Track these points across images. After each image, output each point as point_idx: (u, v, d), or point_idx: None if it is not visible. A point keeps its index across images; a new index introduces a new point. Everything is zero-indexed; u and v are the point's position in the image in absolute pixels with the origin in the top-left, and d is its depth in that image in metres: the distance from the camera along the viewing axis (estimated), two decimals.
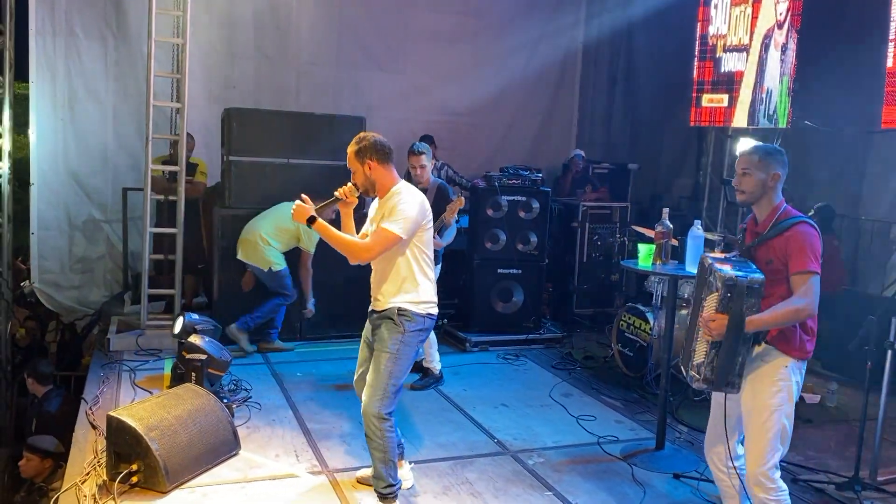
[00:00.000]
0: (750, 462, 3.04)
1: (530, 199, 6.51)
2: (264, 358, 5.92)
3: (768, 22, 6.64)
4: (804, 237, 2.93)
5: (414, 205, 3.36)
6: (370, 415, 3.39)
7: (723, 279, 2.86)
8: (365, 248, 3.38)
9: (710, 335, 2.92)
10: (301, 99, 7.82)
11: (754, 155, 3.07)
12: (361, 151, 3.40)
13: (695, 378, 3.05)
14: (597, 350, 6.44)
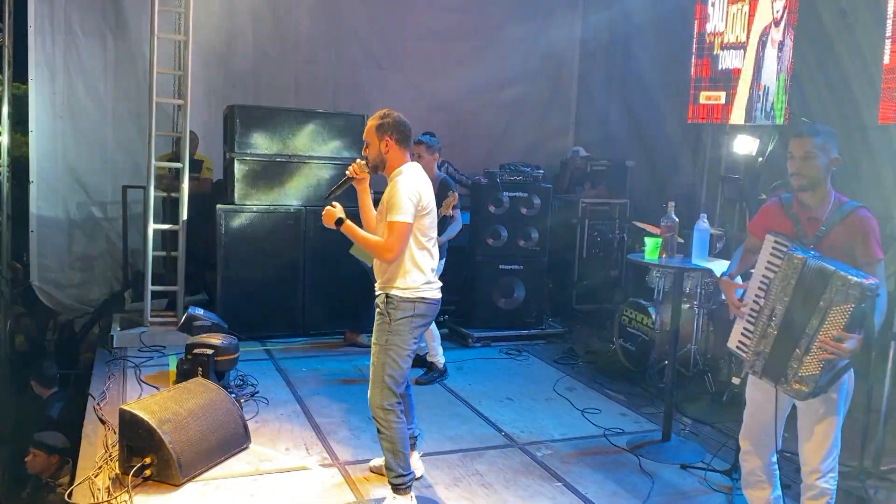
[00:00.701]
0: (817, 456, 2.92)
1: (531, 195, 6.56)
2: (268, 354, 5.94)
3: (765, 19, 6.71)
4: (873, 223, 2.86)
5: (406, 186, 3.30)
6: (374, 407, 3.43)
7: (862, 289, 2.64)
8: (386, 248, 3.31)
9: (840, 355, 2.70)
10: (300, 97, 7.84)
11: (816, 137, 2.92)
12: (383, 126, 3.36)
13: (802, 392, 2.80)
14: (598, 345, 6.49)
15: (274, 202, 6.31)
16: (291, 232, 6.32)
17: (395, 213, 3.27)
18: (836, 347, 2.66)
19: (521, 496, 3.75)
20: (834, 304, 2.69)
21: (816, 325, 2.73)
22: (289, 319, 6.35)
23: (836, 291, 2.68)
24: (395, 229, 3.28)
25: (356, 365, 5.74)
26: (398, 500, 3.43)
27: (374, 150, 3.40)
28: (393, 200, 3.29)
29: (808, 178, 2.90)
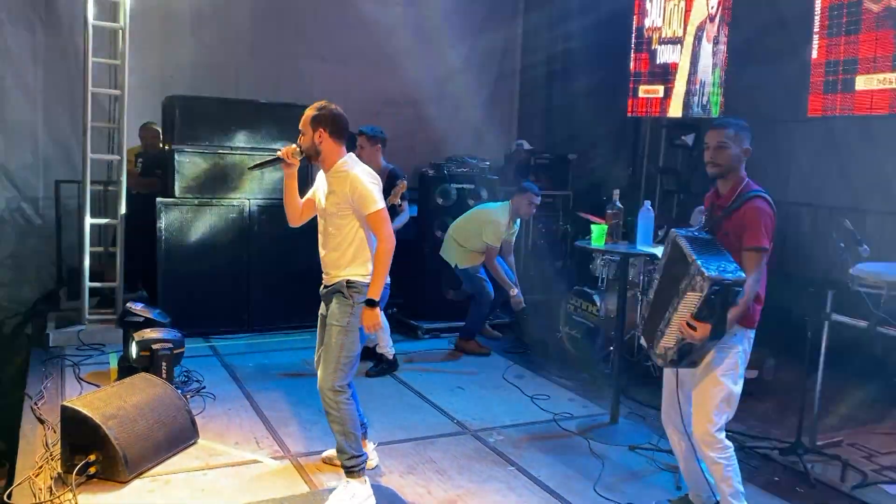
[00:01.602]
0: (698, 423, 3.12)
1: (479, 187, 6.60)
2: (213, 350, 5.82)
3: (701, 15, 6.92)
4: (758, 212, 2.99)
5: (365, 177, 3.39)
6: (325, 388, 3.44)
7: (710, 281, 2.79)
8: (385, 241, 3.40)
9: (690, 340, 2.90)
10: (241, 89, 7.68)
11: (729, 129, 3.09)
12: (318, 118, 3.38)
13: (659, 357, 3.10)
14: (545, 333, 6.56)
15: (217, 195, 6.18)
16: (236, 226, 6.21)
17: (371, 205, 3.35)
18: (688, 332, 2.88)
19: (474, 481, 3.78)
20: (688, 289, 2.88)
21: (676, 304, 2.94)
22: (234, 315, 6.23)
23: (690, 278, 2.87)
24: (381, 217, 3.38)
25: (305, 359, 5.66)
26: (352, 483, 3.42)
27: (308, 140, 3.41)
28: (362, 194, 3.34)
29: (720, 167, 3.10)
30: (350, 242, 3.43)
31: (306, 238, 6.22)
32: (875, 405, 5.14)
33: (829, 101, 5.55)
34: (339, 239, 3.45)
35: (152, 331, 4.69)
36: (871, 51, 5.19)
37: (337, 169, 3.42)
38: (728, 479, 3.10)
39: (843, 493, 3.77)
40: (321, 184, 3.54)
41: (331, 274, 3.50)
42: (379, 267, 3.41)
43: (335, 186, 3.41)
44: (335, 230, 3.45)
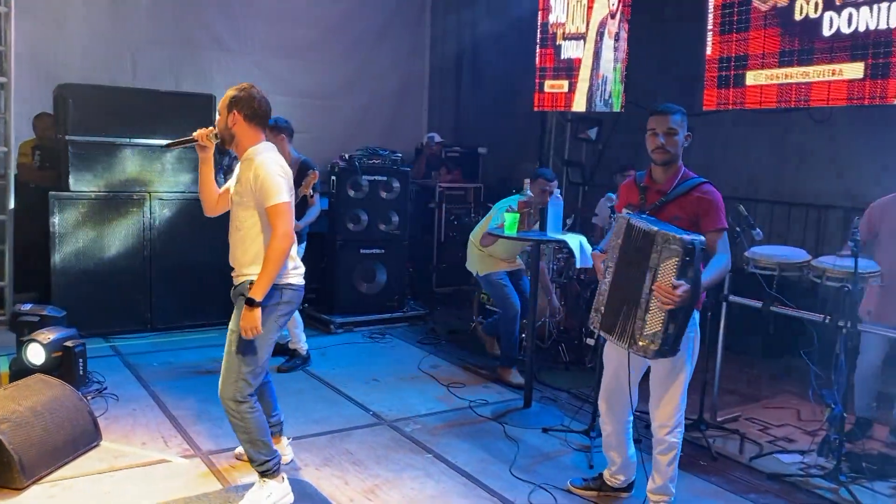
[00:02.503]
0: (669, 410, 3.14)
1: (391, 179, 6.58)
2: (114, 350, 5.56)
3: (602, 11, 7.13)
4: (715, 196, 3.10)
5: (273, 166, 3.16)
6: (226, 399, 3.21)
7: (681, 243, 2.80)
8: (278, 239, 3.10)
9: (673, 303, 2.82)
10: (138, 78, 7.37)
11: (676, 115, 3.14)
12: (234, 100, 3.19)
13: (647, 349, 2.93)
14: (459, 324, 6.63)
15: (114, 189, 5.89)
16: (135, 220, 5.94)
17: (274, 196, 3.11)
18: (669, 294, 2.81)
19: (392, 470, 3.77)
20: (661, 260, 2.87)
21: (650, 282, 2.91)
22: (136, 314, 5.97)
23: (661, 249, 2.87)
24: (280, 211, 3.11)
25: (212, 357, 5.49)
26: (268, 483, 3.27)
27: (222, 123, 3.22)
28: (264, 183, 3.10)
29: (670, 154, 3.13)
30: (253, 238, 3.20)
31: (211, 233, 6.07)
32: (769, 381, 5.46)
33: (722, 95, 5.82)
34: (243, 233, 3.23)
35: (49, 331, 4.44)
36: (759, 48, 5.49)
37: (247, 155, 3.22)
38: (674, 462, 3.23)
39: (743, 464, 3.97)
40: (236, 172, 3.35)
41: (235, 272, 3.31)
42: (268, 265, 3.08)
43: (241, 173, 3.23)
44: (239, 223, 3.25)
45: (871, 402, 4.30)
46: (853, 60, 4.91)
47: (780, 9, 5.33)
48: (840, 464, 3.66)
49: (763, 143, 6.71)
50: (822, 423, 3.95)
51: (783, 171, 6.58)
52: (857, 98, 4.90)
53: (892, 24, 4.64)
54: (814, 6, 5.11)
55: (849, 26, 4.91)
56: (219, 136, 3.24)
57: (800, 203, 6.33)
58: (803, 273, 4.02)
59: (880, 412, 4.38)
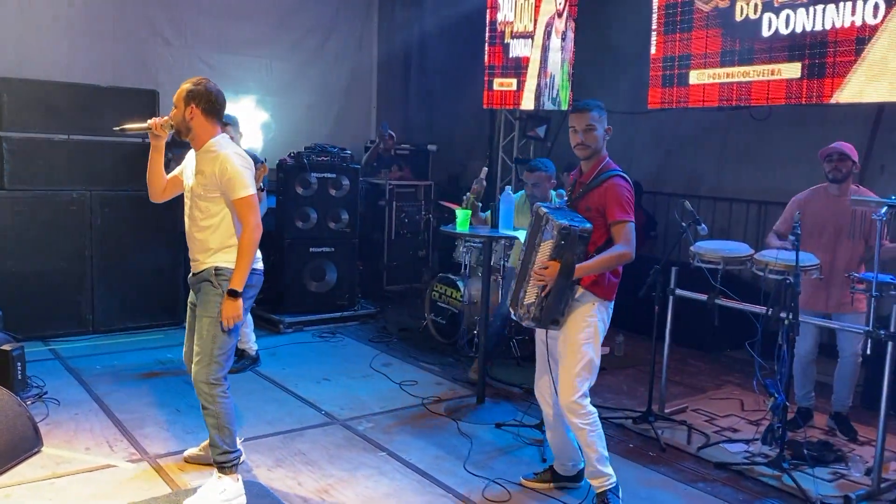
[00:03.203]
0: (562, 392, 3.27)
1: (340, 176, 6.51)
2: (54, 353, 5.37)
3: (550, 11, 7.20)
4: (619, 188, 3.19)
5: (237, 159, 3.24)
6: (199, 381, 3.29)
7: (558, 227, 3.08)
8: (251, 230, 3.22)
9: (542, 280, 3.14)
10: (75, 73, 7.11)
11: (594, 111, 3.26)
12: (192, 94, 3.23)
13: (524, 316, 3.26)
14: (410, 322, 6.62)
15: (52, 187, 5.68)
16: (75, 219, 5.74)
17: (240, 189, 3.20)
18: (540, 273, 3.14)
19: (345, 469, 3.74)
20: (542, 241, 3.17)
21: (534, 258, 3.22)
22: (76, 315, 5.78)
23: (545, 231, 3.16)
24: (249, 203, 3.22)
25: (158, 359, 5.38)
26: (224, 479, 3.27)
27: (179, 115, 3.26)
28: (231, 177, 3.18)
29: (590, 148, 3.26)
30: (217, 226, 3.27)
31: (155, 232, 5.98)
32: (714, 372, 5.61)
33: (666, 94, 5.94)
34: (207, 222, 3.29)
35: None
36: (702, 48, 5.63)
37: (207, 148, 3.27)
38: (593, 444, 3.26)
39: (691, 454, 4.07)
40: (189, 162, 3.37)
41: (199, 260, 3.34)
42: (243, 256, 3.23)
43: (203, 166, 3.26)
44: (201, 213, 3.29)
45: (810, 392, 4.46)
46: (791, 61, 5.06)
47: (722, 10, 5.46)
48: (783, 452, 3.78)
49: (706, 140, 6.88)
50: (766, 413, 4.07)
51: (725, 167, 6.76)
52: (795, 97, 5.06)
53: (828, 26, 4.81)
54: (753, 7, 5.26)
55: (787, 27, 5.07)
56: (174, 127, 3.28)
57: (741, 199, 6.52)
58: (746, 266, 4.14)
59: (819, 400, 4.54)
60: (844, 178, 4.23)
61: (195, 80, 3.29)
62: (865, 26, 4.62)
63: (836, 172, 4.24)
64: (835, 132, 5.51)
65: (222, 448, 3.28)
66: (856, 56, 4.69)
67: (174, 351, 5.55)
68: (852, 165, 4.24)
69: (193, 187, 3.31)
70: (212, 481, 3.30)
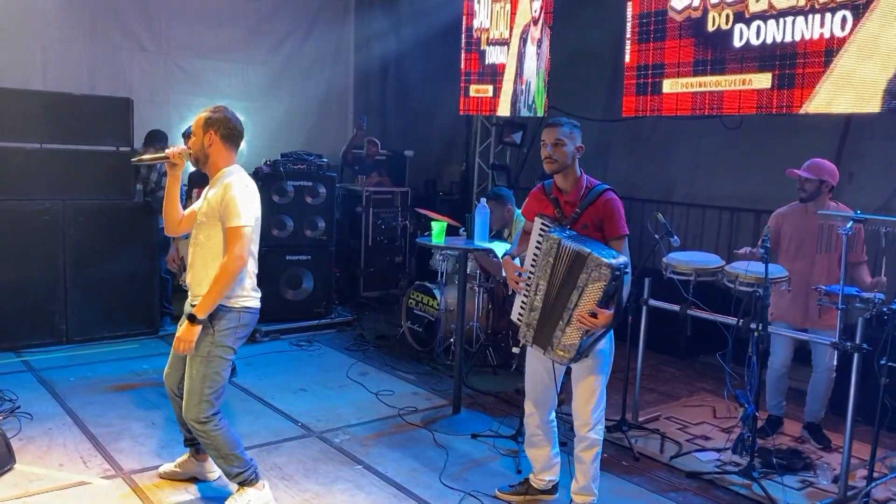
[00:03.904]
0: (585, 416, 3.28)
1: (316, 184, 6.50)
2: (26, 365, 5.32)
3: (525, 18, 7.25)
4: (617, 204, 3.25)
5: (241, 190, 3.19)
6: (190, 420, 3.26)
7: (611, 269, 2.98)
8: (232, 260, 3.11)
9: (593, 327, 3.05)
10: (49, 79, 7.08)
11: (565, 127, 3.29)
12: (210, 121, 3.24)
13: (565, 358, 3.16)
14: (387, 329, 6.63)
15: (25, 196, 5.62)
16: (48, 229, 5.69)
17: (235, 219, 3.13)
18: (591, 322, 3.05)
19: (321, 483, 3.74)
20: (590, 282, 3.05)
21: (576, 299, 3.09)
22: (49, 326, 5.72)
23: (591, 271, 3.04)
24: (238, 234, 3.14)
25: (133, 369, 5.35)
26: (247, 491, 3.33)
27: (197, 143, 3.26)
28: (231, 205, 3.14)
29: (558, 163, 3.28)
30: (215, 257, 3.20)
31: (130, 241, 5.95)
32: (686, 380, 5.68)
33: (640, 102, 6.01)
34: (206, 251, 3.25)
35: None
36: (675, 57, 5.69)
37: (219, 175, 3.26)
38: (597, 461, 3.33)
39: (663, 463, 4.12)
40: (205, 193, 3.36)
41: (194, 294, 3.27)
42: (216, 284, 3.10)
43: (212, 193, 3.26)
44: (202, 241, 3.27)
45: (780, 402, 4.54)
46: (761, 71, 5.15)
47: (694, 20, 5.54)
48: (753, 460, 3.84)
49: (679, 148, 6.96)
50: (737, 422, 4.13)
51: (698, 175, 6.85)
52: (766, 107, 5.15)
53: (798, 38, 4.89)
54: (725, 18, 5.34)
55: (757, 38, 5.15)
56: (192, 155, 3.28)
57: (714, 206, 6.61)
58: (718, 278, 4.20)
59: (789, 408, 4.62)
60: (811, 196, 4.28)
61: (213, 108, 3.30)
62: (834, 38, 4.71)
63: (802, 192, 4.32)
64: (804, 141, 5.62)
65: (234, 473, 3.31)
66: (824, 67, 4.78)
67: (150, 361, 5.53)
68: (819, 184, 4.27)
69: (198, 215, 3.32)
70: (235, 496, 3.33)
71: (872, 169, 5.56)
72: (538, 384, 3.46)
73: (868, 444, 3.66)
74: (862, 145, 5.61)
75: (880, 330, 3.65)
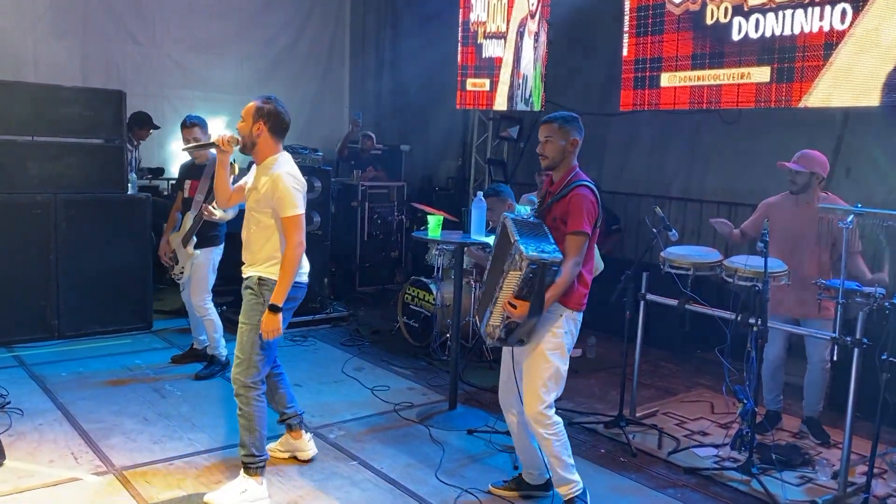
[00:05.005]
0: (528, 402, 3.25)
1: (311, 178, 6.43)
2: (17, 360, 5.26)
3: (522, 11, 7.21)
4: (580, 199, 3.17)
5: (290, 180, 3.39)
6: (238, 384, 3.49)
7: (527, 260, 2.96)
8: (295, 248, 3.37)
9: (511, 316, 3.07)
10: (41, 72, 7.02)
11: (554, 123, 3.27)
12: (261, 111, 3.41)
13: (489, 336, 3.27)
14: (382, 324, 6.59)
15: (15, 190, 5.55)
16: (39, 223, 5.61)
17: (288, 208, 3.36)
18: (508, 309, 3.07)
19: (316, 479, 3.70)
20: (511, 268, 3.07)
21: (502, 283, 3.12)
22: (41, 320, 5.65)
23: (514, 258, 3.05)
24: (294, 223, 3.38)
25: (125, 365, 5.29)
26: (248, 480, 3.42)
27: (247, 130, 3.43)
28: (282, 196, 3.35)
29: (549, 159, 3.29)
30: (267, 239, 3.45)
31: (122, 235, 5.89)
32: (684, 375, 5.65)
33: (638, 96, 5.98)
34: (258, 234, 3.48)
35: None
36: (673, 50, 5.66)
37: (266, 164, 3.44)
38: (558, 454, 3.26)
39: (661, 459, 4.09)
40: (250, 177, 3.58)
41: (246, 265, 3.56)
42: (285, 272, 3.37)
43: (260, 182, 3.43)
44: (255, 226, 3.49)
45: (777, 396, 4.51)
46: (760, 64, 5.11)
47: (692, 13, 5.50)
48: (752, 456, 3.81)
49: (676, 142, 6.92)
50: (736, 418, 4.09)
51: (695, 169, 6.81)
52: (764, 101, 5.11)
53: (797, 30, 4.86)
54: (723, 11, 5.30)
55: (756, 31, 5.11)
56: (241, 140, 3.46)
57: (711, 200, 6.57)
58: (716, 272, 4.17)
59: (787, 403, 4.59)
60: (802, 189, 4.25)
61: (264, 97, 3.47)
62: (833, 31, 4.68)
63: (792, 185, 4.29)
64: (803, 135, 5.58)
65: (249, 449, 3.45)
66: (824, 61, 4.75)
67: (142, 357, 5.48)
68: (810, 176, 4.23)
69: (249, 202, 3.53)
70: (237, 479, 3.45)
71: (871, 163, 5.53)
72: (506, 379, 3.48)
73: (867, 440, 3.63)
74: (860, 139, 5.57)
75: (880, 325, 3.61)
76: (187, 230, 4.97)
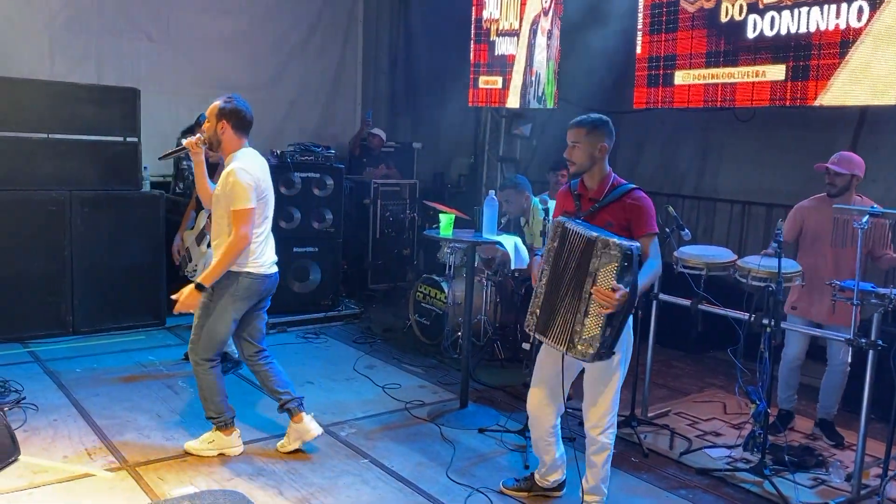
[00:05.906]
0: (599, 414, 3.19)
1: (324, 175, 6.46)
2: (32, 356, 5.31)
3: (535, 8, 7.17)
4: (646, 202, 3.16)
5: (242, 175, 3.55)
6: (192, 357, 3.82)
7: (621, 249, 2.87)
8: (238, 239, 3.56)
9: (612, 307, 2.87)
10: (56, 69, 7.02)
11: (582, 128, 3.19)
12: (223, 111, 3.65)
13: (588, 353, 2.98)
14: (394, 322, 6.59)
15: (30, 187, 5.59)
16: (54, 220, 5.66)
17: (237, 201, 3.54)
18: (609, 297, 2.86)
19: (327, 477, 3.71)
20: (601, 266, 2.92)
21: (590, 287, 2.95)
22: (56, 317, 5.70)
23: (600, 255, 2.92)
24: (241, 216, 3.56)
25: (139, 361, 5.33)
26: (216, 433, 3.83)
27: (211, 129, 3.66)
28: (233, 187, 3.54)
29: (576, 164, 3.23)
30: (227, 233, 3.62)
31: (136, 232, 5.93)
32: (697, 376, 5.62)
33: (651, 94, 5.93)
34: (219, 229, 3.68)
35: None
36: (687, 48, 5.61)
37: (228, 159, 3.66)
38: (608, 463, 3.28)
39: (673, 460, 4.07)
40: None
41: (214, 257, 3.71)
42: (221, 258, 3.59)
43: (221, 180, 3.64)
44: (217, 219, 3.70)
45: (792, 395, 4.47)
46: (775, 62, 5.06)
47: (707, 10, 5.45)
48: (764, 457, 3.79)
49: (690, 140, 6.88)
50: (748, 419, 4.07)
51: (708, 167, 6.77)
52: (780, 99, 5.06)
53: (812, 28, 4.81)
54: (738, 9, 5.25)
55: (771, 29, 5.06)
56: (206, 140, 3.70)
57: (724, 199, 6.53)
58: (729, 272, 4.14)
59: (801, 404, 4.56)
60: (840, 192, 4.18)
61: (225, 97, 3.70)
62: (850, 29, 4.63)
63: (831, 187, 4.21)
64: (818, 134, 5.54)
65: (207, 413, 3.83)
66: (840, 59, 4.69)
67: (156, 353, 5.51)
68: (851, 178, 4.17)
69: (213, 195, 3.75)
70: (208, 432, 3.86)
71: (888, 162, 5.47)
72: (545, 384, 3.32)
73: (881, 442, 3.61)
74: (877, 138, 5.51)
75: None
76: (201, 228, 5.00)
